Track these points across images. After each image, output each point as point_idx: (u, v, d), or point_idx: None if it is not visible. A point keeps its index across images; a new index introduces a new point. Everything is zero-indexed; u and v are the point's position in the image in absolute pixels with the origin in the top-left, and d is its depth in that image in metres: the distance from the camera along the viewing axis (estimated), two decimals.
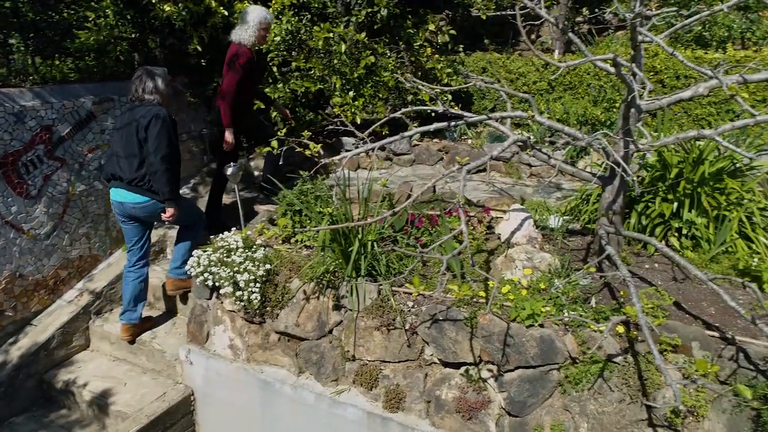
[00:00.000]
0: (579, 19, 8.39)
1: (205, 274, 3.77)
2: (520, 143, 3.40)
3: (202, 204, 5.27)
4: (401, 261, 3.70)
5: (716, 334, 2.87)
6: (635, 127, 3.24)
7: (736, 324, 2.96)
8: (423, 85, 3.73)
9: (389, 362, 3.45)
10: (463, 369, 3.26)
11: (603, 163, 3.88)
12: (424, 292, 3.43)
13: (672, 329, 2.87)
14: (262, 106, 5.55)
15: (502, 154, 5.69)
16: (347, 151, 5.82)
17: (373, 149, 3.36)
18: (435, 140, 6.53)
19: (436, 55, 6.04)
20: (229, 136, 4.63)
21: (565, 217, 4.14)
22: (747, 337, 2.83)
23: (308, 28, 5.59)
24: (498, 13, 3.98)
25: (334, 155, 5.52)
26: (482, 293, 3.30)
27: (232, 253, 3.74)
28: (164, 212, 4.01)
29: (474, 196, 5.05)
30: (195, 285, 4.02)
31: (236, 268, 3.65)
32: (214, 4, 5.11)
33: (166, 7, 4.96)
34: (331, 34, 5.32)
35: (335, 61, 5.49)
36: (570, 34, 3.25)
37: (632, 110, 3.21)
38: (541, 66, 6.67)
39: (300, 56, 5.61)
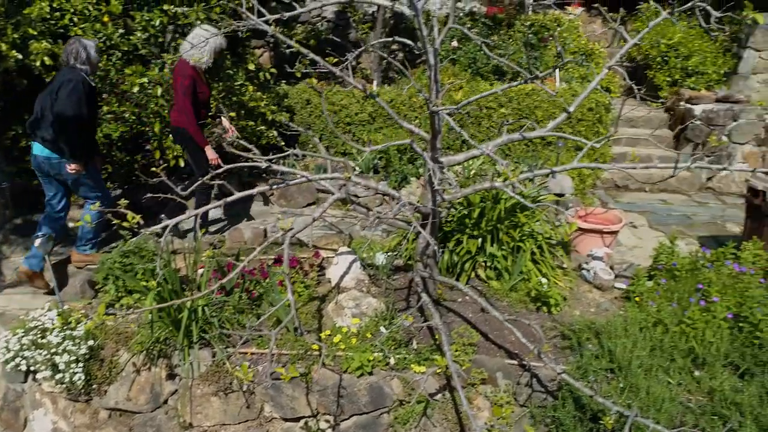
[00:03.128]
0: (394, 47, 8.95)
1: (17, 359, 3.46)
2: (340, 199, 3.64)
3: None
4: (236, 317, 3.73)
5: (515, 362, 3.34)
6: (441, 177, 3.64)
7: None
8: (242, 142, 3.84)
9: (230, 425, 3.48)
10: (302, 422, 3.41)
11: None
12: (258, 350, 3.52)
13: (480, 363, 3.29)
14: None
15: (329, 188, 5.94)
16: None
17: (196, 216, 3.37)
18: (267, 175, 6.57)
19: (258, 93, 6.08)
20: (210, 152, 4.77)
21: (389, 254, 4.46)
22: (540, 362, 3.33)
23: (119, 69, 5.31)
24: (314, 69, 4.14)
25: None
26: (315, 347, 3.46)
27: (48, 333, 3.49)
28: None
29: (305, 233, 5.20)
30: (5, 370, 3.67)
31: (54, 350, 3.41)
32: (4, 47, 4.64)
33: None
34: (145, 79, 5.11)
35: (152, 105, 5.29)
36: (387, 107, 3.54)
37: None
38: (362, 98, 7.03)
39: (112, 99, 5.31)
